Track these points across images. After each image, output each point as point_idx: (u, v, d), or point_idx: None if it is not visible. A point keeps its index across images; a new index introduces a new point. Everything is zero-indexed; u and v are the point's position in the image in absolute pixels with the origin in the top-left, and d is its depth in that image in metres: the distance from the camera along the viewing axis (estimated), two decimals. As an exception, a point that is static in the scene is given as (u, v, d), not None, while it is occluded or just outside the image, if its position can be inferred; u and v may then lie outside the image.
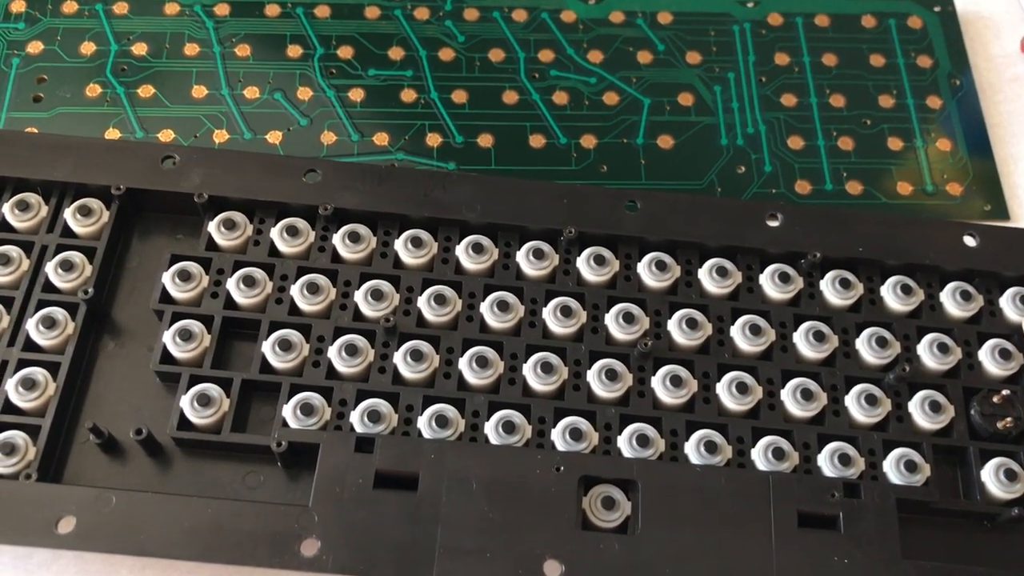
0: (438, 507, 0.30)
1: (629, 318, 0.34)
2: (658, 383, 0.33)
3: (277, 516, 0.30)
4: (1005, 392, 0.34)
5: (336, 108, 0.42)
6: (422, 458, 0.31)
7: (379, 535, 0.30)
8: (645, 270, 0.36)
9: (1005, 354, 0.35)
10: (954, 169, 0.43)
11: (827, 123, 0.44)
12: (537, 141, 0.42)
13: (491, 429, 0.32)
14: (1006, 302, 0.36)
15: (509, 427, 0.32)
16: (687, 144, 0.43)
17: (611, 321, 0.34)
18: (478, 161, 0.41)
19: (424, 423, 0.32)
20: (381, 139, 0.42)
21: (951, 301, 0.36)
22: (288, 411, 0.32)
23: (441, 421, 0.32)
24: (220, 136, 0.41)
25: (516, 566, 0.30)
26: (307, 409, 0.32)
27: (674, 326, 0.35)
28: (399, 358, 0.33)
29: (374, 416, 0.32)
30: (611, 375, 0.33)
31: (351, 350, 0.33)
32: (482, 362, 0.33)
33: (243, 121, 0.42)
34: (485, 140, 0.42)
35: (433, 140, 0.42)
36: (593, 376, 0.33)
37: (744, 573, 0.30)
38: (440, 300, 0.34)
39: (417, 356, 0.33)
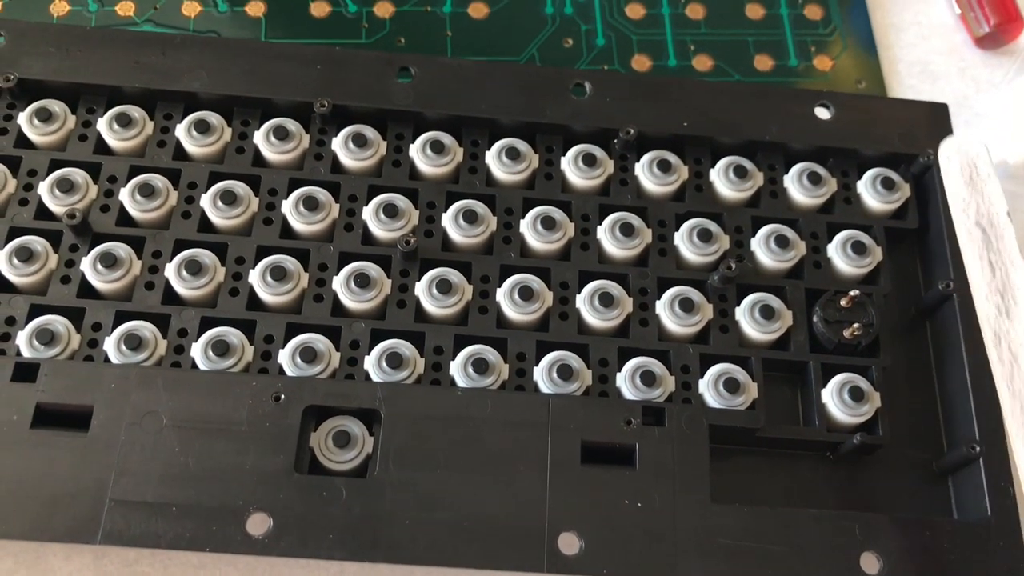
0: (113, 450, 0.23)
1: (392, 211, 0.27)
2: (423, 289, 0.27)
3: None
4: (854, 293, 0.27)
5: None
6: (99, 388, 0.24)
7: (34, 486, 0.23)
8: (419, 153, 0.28)
9: (859, 248, 0.28)
10: (824, 40, 0.36)
11: (674, -13, 0.37)
12: (320, 9, 0.35)
13: (197, 352, 0.25)
14: (865, 186, 0.30)
15: (222, 348, 0.25)
16: (504, 13, 0.35)
17: (370, 216, 0.27)
18: (246, 34, 0.34)
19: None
20: (125, 8, 0.34)
21: (797, 185, 0.29)
22: (-65, 332, 0.25)
23: (133, 341, 0.25)
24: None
25: (209, 522, 0.23)
26: (-42, 329, 0.25)
27: (450, 221, 0.28)
28: (87, 263, 0.26)
29: (45, 337, 0.25)
30: (363, 281, 0.26)
31: (24, 254, 0.26)
32: (194, 268, 0.26)
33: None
34: (255, 8, 0.34)
35: (191, 8, 0.34)
36: (340, 282, 0.27)
37: (509, 519, 0.24)
38: (147, 192, 0.27)
39: (111, 261, 0.26)
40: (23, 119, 0.28)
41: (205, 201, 0.27)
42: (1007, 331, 0.22)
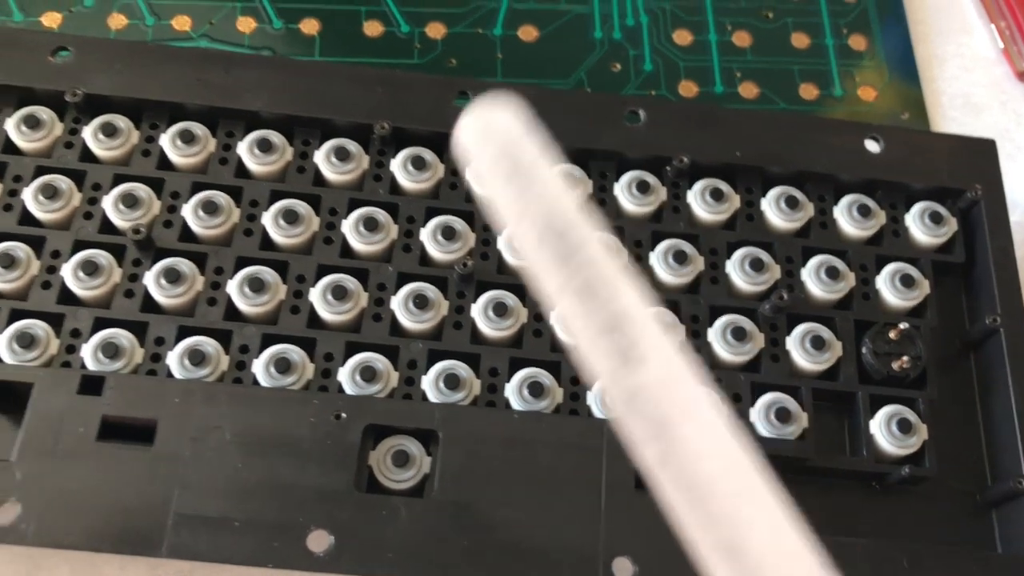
0: (177, 464, 0.24)
1: (450, 233, 0.28)
2: (479, 312, 0.27)
3: (-34, 475, 0.23)
4: (903, 326, 0.28)
5: (130, -14, 0.35)
6: (164, 402, 0.25)
7: (98, 499, 0.23)
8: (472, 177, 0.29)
9: (908, 281, 0.29)
10: (868, 71, 0.37)
11: (721, 15, 0.37)
12: (373, 29, 0.35)
13: (259, 368, 0.26)
14: (913, 219, 0.30)
15: (284, 365, 0.26)
16: (554, 36, 0.36)
17: (427, 237, 0.28)
18: (300, 51, 0.34)
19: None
20: (182, 23, 0.35)
21: (846, 217, 0.30)
22: (2, 343, 0.25)
23: (195, 357, 0.26)
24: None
25: (270, 538, 0.23)
26: (26, 340, 0.25)
27: (503, 245, 0.28)
28: (151, 278, 0.27)
29: (110, 350, 0.25)
30: (421, 302, 0.27)
31: (89, 267, 0.26)
32: (257, 285, 0.27)
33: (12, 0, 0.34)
34: (309, 26, 0.35)
35: (245, 24, 0.35)
36: (399, 303, 0.27)
37: (564, 543, 0.24)
38: (210, 208, 0.27)
39: (174, 277, 0.26)
40: (88, 133, 0.28)
41: (266, 219, 0.28)
42: (639, 387, 0.14)
